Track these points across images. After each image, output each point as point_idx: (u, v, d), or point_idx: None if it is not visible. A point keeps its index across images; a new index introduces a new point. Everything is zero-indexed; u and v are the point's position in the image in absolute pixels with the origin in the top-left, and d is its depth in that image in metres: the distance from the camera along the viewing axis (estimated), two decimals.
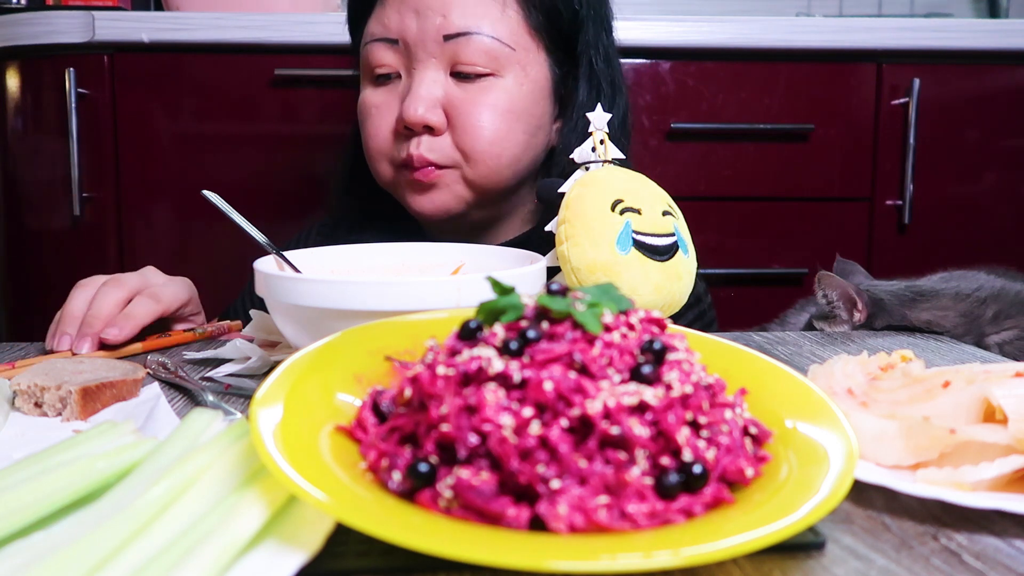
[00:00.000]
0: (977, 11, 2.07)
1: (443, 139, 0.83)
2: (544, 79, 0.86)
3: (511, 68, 0.83)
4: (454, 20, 0.81)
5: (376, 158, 0.87)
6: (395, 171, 0.86)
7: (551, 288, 0.38)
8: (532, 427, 0.33)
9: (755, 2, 2.03)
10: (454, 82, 0.83)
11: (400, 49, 0.83)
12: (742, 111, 1.44)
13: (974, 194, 1.50)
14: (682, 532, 0.31)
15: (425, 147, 0.82)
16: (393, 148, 0.85)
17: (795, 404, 0.41)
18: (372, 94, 0.87)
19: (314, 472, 0.32)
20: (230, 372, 0.63)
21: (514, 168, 0.85)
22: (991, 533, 0.37)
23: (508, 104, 0.83)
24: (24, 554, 0.31)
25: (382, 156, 0.86)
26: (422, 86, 0.82)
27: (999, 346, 0.80)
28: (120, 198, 1.41)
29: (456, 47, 0.81)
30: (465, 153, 0.83)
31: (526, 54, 0.84)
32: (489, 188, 0.85)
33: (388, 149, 0.85)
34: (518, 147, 0.85)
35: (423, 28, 0.81)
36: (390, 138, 0.85)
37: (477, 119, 0.82)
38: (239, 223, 0.64)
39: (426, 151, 0.82)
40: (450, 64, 0.82)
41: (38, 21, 1.36)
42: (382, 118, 0.85)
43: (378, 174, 0.88)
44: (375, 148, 0.86)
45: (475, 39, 0.81)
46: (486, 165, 0.83)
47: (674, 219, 0.64)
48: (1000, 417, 0.42)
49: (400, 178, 0.86)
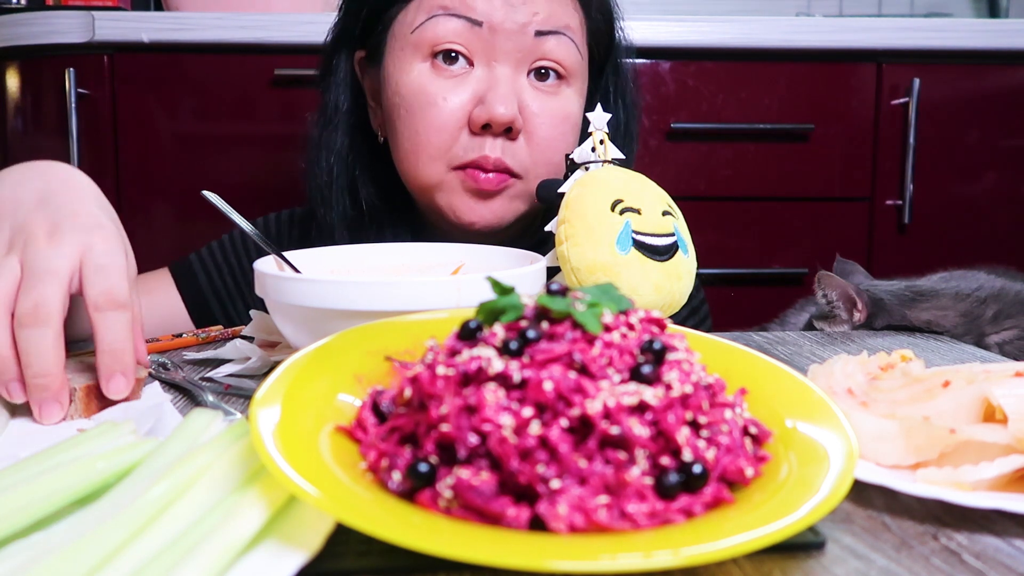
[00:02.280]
0: (977, 11, 2.07)
1: (518, 144, 0.77)
2: (586, 93, 0.84)
3: (577, 78, 0.80)
4: (548, 17, 0.76)
5: (431, 155, 0.76)
6: (448, 173, 0.77)
7: (551, 288, 0.38)
8: (532, 427, 0.33)
9: (755, 2, 2.03)
10: (528, 83, 0.78)
11: (483, 34, 0.75)
12: (742, 111, 1.44)
13: (974, 194, 1.50)
14: (682, 532, 0.31)
15: (503, 151, 0.76)
16: (457, 146, 0.76)
17: (795, 404, 0.41)
18: (432, 80, 0.76)
19: (314, 472, 0.32)
20: (230, 372, 0.62)
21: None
22: (991, 533, 0.37)
23: (574, 116, 0.80)
24: (24, 554, 0.31)
25: (439, 154, 0.76)
26: (507, 82, 0.75)
27: (999, 346, 0.80)
28: (120, 198, 1.41)
29: (545, 45, 0.77)
30: (538, 164, 0.78)
31: (585, 67, 0.82)
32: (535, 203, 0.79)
33: (448, 147, 0.76)
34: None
35: (514, 18, 0.75)
36: (455, 135, 0.76)
37: (553, 129, 0.78)
38: (239, 223, 0.64)
39: (504, 155, 0.76)
40: (530, 63, 0.77)
41: (38, 21, 1.36)
42: (449, 110, 0.75)
43: (421, 174, 0.78)
44: (434, 144, 0.76)
45: (565, 40, 0.78)
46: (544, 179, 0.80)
47: (674, 219, 0.64)
48: (1000, 417, 0.42)
49: (453, 181, 0.77)
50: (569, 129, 0.80)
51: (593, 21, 0.83)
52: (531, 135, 0.77)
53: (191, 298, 0.92)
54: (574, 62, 0.79)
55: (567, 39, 0.78)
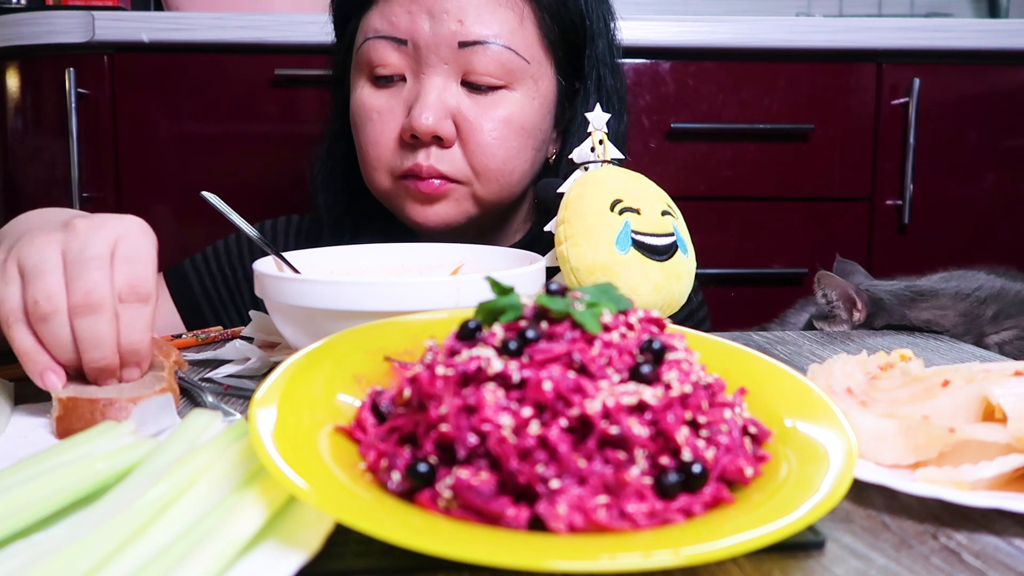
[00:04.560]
0: (977, 11, 2.07)
1: (453, 152, 0.79)
2: (551, 93, 0.83)
3: (524, 82, 0.80)
4: (471, 27, 0.77)
5: (374, 167, 0.82)
6: (394, 181, 0.81)
7: (550, 288, 0.38)
8: (531, 427, 0.33)
9: (755, 2, 2.03)
10: (464, 92, 0.79)
11: (408, 51, 0.79)
12: (742, 111, 1.44)
13: (974, 194, 1.50)
14: (682, 532, 0.31)
15: (435, 159, 0.78)
16: (395, 157, 0.80)
17: (795, 404, 0.41)
18: (371, 96, 0.81)
19: (313, 472, 0.33)
20: (229, 373, 0.62)
21: (522, 184, 0.84)
22: (991, 532, 0.37)
23: (520, 120, 0.80)
24: (24, 554, 0.31)
25: (381, 165, 0.81)
26: (432, 93, 0.77)
27: (999, 346, 0.80)
28: (120, 198, 1.41)
29: (471, 55, 0.77)
30: (477, 170, 0.79)
31: (539, 67, 0.81)
32: (496, 204, 0.83)
33: (389, 158, 0.81)
34: (527, 163, 0.82)
35: (437, 32, 0.77)
36: (392, 146, 0.80)
37: (490, 135, 0.78)
38: (238, 224, 0.64)
39: (436, 163, 0.78)
40: (461, 73, 0.78)
41: (38, 21, 1.36)
42: (384, 124, 0.80)
43: (373, 183, 0.83)
44: (374, 156, 0.81)
45: (492, 49, 0.77)
46: (497, 183, 0.80)
47: (673, 219, 0.64)
48: (999, 416, 0.42)
49: (399, 188, 0.81)
50: (512, 132, 0.80)
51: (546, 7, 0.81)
52: (466, 142, 0.79)
53: (184, 304, 0.92)
54: (509, 68, 0.79)
55: (497, 47, 0.78)
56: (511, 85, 0.80)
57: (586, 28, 0.84)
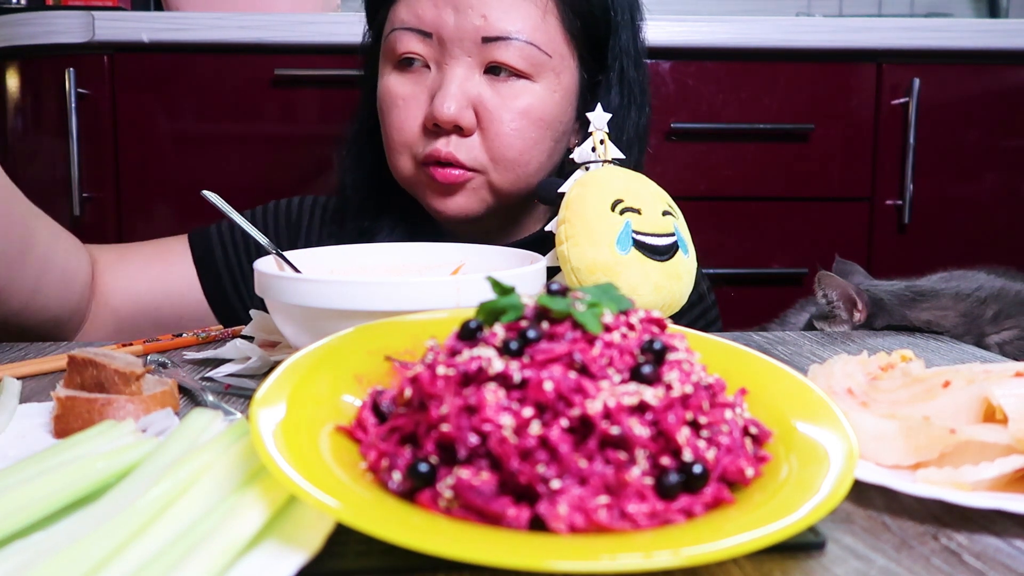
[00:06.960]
0: (977, 11, 2.07)
1: (472, 140, 0.81)
2: (573, 86, 0.84)
3: (546, 75, 0.81)
4: (495, 22, 0.78)
5: (398, 151, 0.83)
6: (416, 167, 0.83)
7: (551, 288, 0.38)
8: (532, 427, 0.33)
9: (755, 2, 2.03)
10: (486, 81, 0.80)
11: (432, 43, 0.80)
12: (742, 111, 1.44)
13: (974, 194, 1.50)
14: (682, 532, 0.31)
15: (455, 146, 0.80)
16: (419, 143, 0.82)
17: (795, 404, 0.41)
18: (397, 82, 0.83)
19: (314, 472, 0.32)
20: (230, 372, 0.62)
21: (539, 175, 0.84)
22: (991, 533, 0.37)
23: (540, 112, 0.81)
24: (24, 554, 0.31)
25: (405, 150, 0.83)
26: (454, 83, 0.79)
27: (999, 346, 0.80)
28: (120, 198, 1.41)
29: (494, 50, 0.79)
30: (494, 159, 0.81)
31: (561, 61, 0.82)
32: (513, 195, 0.84)
33: (413, 143, 0.82)
34: (544, 155, 0.83)
35: (461, 26, 0.79)
36: (416, 132, 0.82)
37: (509, 126, 0.80)
38: (239, 223, 0.64)
39: (455, 150, 0.80)
40: (484, 63, 0.80)
41: (38, 21, 1.36)
42: (408, 111, 0.82)
43: (397, 168, 0.85)
44: (399, 141, 0.83)
45: (515, 44, 0.79)
46: (514, 173, 0.81)
47: (674, 219, 0.64)
48: (1000, 417, 0.42)
49: (422, 175, 0.83)
50: (529, 124, 0.81)
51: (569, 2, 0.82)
52: (485, 131, 0.80)
53: (205, 269, 0.93)
54: (532, 62, 0.80)
55: (520, 42, 0.79)
56: (533, 77, 0.81)
57: (610, 20, 0.85)
